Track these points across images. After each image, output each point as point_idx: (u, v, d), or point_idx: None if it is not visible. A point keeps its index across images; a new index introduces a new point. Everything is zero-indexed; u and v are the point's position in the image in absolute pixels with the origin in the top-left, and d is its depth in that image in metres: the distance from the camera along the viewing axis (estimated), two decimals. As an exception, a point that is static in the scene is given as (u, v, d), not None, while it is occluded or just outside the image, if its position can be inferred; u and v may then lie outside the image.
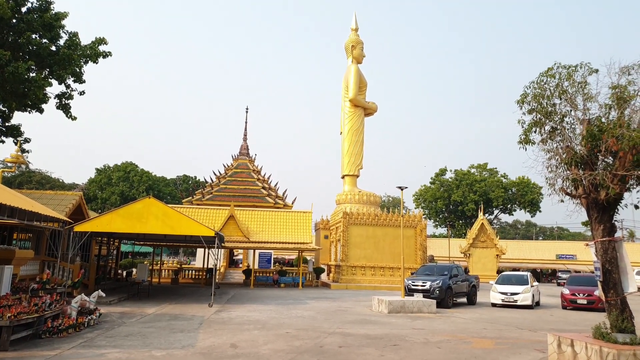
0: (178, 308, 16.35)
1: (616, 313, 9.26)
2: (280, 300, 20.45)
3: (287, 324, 13.02)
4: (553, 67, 10.62)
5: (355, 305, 18.85)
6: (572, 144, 10.21)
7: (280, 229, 31.96)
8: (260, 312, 15.81)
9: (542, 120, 10.60)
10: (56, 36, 17.74)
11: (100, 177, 69.62)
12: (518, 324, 14.43)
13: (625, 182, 9.30)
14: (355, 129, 41.63)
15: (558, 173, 10.47)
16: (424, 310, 16.66)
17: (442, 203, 70.52)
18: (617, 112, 9.66)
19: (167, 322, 12.82)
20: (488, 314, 17.18)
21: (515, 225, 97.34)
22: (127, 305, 16.85)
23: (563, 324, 15.02)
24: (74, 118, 19.04)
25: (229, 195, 39.37)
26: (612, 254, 9.59)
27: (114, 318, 13.42)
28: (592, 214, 9.93)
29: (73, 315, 11.41)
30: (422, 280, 19.56)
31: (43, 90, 17.24)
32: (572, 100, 10.31)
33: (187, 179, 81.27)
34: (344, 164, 41.65)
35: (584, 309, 19.50)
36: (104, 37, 18.45)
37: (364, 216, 33.46)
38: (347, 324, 13.35)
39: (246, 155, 44.41)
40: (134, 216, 16.45)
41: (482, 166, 72.69)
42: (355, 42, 42.70)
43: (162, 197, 66.55)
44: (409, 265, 31.57)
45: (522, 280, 20.70)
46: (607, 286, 9.53)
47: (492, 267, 44.56)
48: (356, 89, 41.37)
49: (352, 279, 31.87)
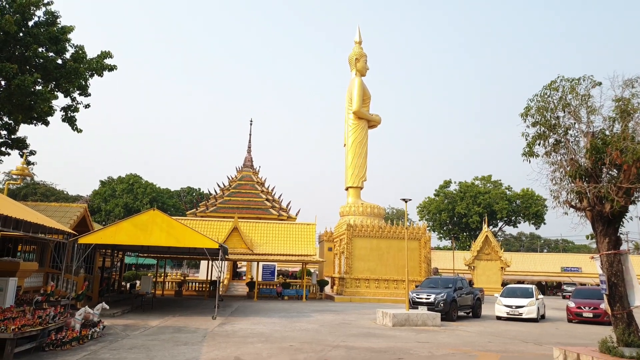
0: (182, 320, 16.30)
1: (623, 327, 9.19)
2: (284, 312, 20.36)
3: (291, 337, 12.95)
4: (556, 80, 10.69)
5: (359, 318, 18.74)
6: (576, 156, 10.23)
7: (284, 241, 31.90)
8: (264, 324, 15.74)
9: (546, 133, 10.64)
10: (62, 49, 17.94)
11: (105, 189, 69.87)
12: (523, 338, 14.30)
13: (630, 195, 9.29)
14: (359, 141, 41.74)
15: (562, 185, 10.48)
16: (428, 323, 16.54)
17: (446, 215, 70.31)
18: (621, 125, 9.69)
19: (171, 335, 12.78)
20: (493, 327, 17.03)
21: (520, 238, 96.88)
22: (131, 317, 16.81)
23: (569, 337, 14.88)
24: (79, 131, 19.18)
25: (233, 207, 39.40)
26: (617, 267, 9.54)
27: (118, 330, 13.39)
28: (597, 227, 9.90)
29: (77, 327, 11.39)
30: (427, 293, 19.44)
31: (49, 103, 17.40)
32: (575, 113, 10.36)
33: (191, 190, 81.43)
34: (348, 176, 41.68)
35: (589, 323, 19.32)
36: (109, 51, 18.65)
37: (367, 228, 33.39)
38: (351, 337, 13.27)
39: (250, 167, 44.52)
40: (138, 228, 16.48)
41: (487, 178, 72.56)
42: (358, 55, 42.99)
43: (166, 209, 66.68)
44: (413, 278, 31.39)
45: (527, 293, 20.55)
46: (613, 299, 9.48)
47: (496, 280, 44.26)
48: (360, 101, 41.56)
49: (356, 292, 31.71)
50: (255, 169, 44.95)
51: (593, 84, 10.29)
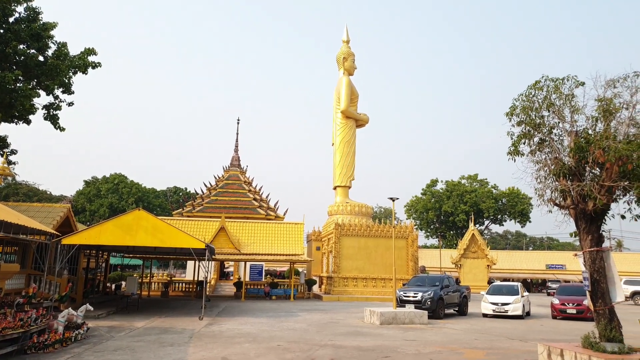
0: (168, 321, 16.15)
1: (604, 322, 9.31)
2: (271, 312, 20.30)
3: (279, 337, 12.91)
4: (541, 80, 10.79)
5: (347, 317, 18.76)
6: (560, 155, 10.34)
7: (272, 241, 31.82)
8: (251, 324, 15.67)
9: (530, 132, 10.73)
10: (44, 46, 17.65)
11: (89, 189, 69.04)
12: (509, 334, 14.44)
13: (612, 193, 9.41)
14: (346, 140, 41.77)
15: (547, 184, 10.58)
16: (415, 322, 16.62)
17: (433, 214, 70.77)
18: (603, 124, 9.81)
19: (157, 336, 12.65)
20: (479, 325, 17.17)
21: (506, 236, 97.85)
22: (116, 319, 16.61)
23: (553, 333, 15.06)
24: (62, 129, 18.90)
25: (220, 207, 39.17)
26: (600, 264, 9.67)
27: (102, 332, 13.22)
28: (581, 225, 10.02)
29: (60, 330, 11.22)
30: (414, 291, 19.54)
31: (30, 101, 17.11)
32: (559, 112, 10.46)
33: (177, 190, 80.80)
34: (336, 175, 41.70)
35: (573, 319, 19.58)
36: (93, 48, 18.39)
37: (355, 227, 33.45)
38: (338, 336, 13.27)
39: (237, 167, 44.31)
40: (123, 228, 16.30)
41: (473, 177, 73.21)
42: (346, 54, 43.01)
43: (152, 209, 66.09)
44: (400, 276, 31.53)
45: (513, 291, 20.77)
46: (596, 296, 9.60)
47: (483, 278, 44.66)
48: (347, 100, 41.58)
49: (344, 291, 31.75)
50: (243, 168, 44.76)
51: (576, 83, 10.41)
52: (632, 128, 9.53)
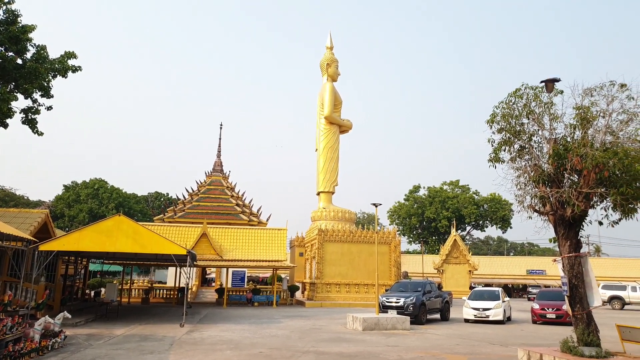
0: (148, 329, 15.91)
1: (582, 327, 9.47)
2: (253, 319, 20.15)
3: (261, 344, 12.82)
4: (521, 87, 10.98)
5: (329, 323, 18.72)
6: (539, 162, 10.52)
7: (255, 247, 31.62)
8: (233, 331, 15.52)
9: (511, 139, 10.91)
10: (23, 49, 17.32)
11: (68, 194, 67.83)
12: (490, 339, 14.57)
13: (589, 200, 9.61)
14: (330, 146, 41.86)
15: (527, 190, 10.75)
16: (398, 327, 16.67)
17: (415, 219, 71.26)
18: (581, 132, 10.02)
19: (137, 344, 12.45)
20: (461, 330, 17.30)
21: (487, 241, 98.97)
22: (95, 326, 16.31)
23: (533, 338, 15.24)
24: (40, 133, 18.54)
25: (202, 213, 38.82)
26: (578, 269, 9.84)
27: (81, 340, 12.95)
28: (559, 231, 10.20)
29: (36, 338, 10.96)
30: (396, 296, 19.61)
31: (8, 104, 16.77)
32: (539, 120, 10.66)
33: (159, 195, 79.85)
34: (319, 180, 41.72)
35: (553, 323, 19.86)
36: (73, 51, 18.11)
37: (339, 233, 33.47)
38: (321, 343, 13.23)
39: (220, 172, 44.01)
40: (103, 234, 16.06)
41: (455, 183, 73.99)
42: (330, 61, 43.20)
43: (132, 214, 65.19)
44: (383, 282, 31.61)
45: (494, 296, 20.98)
46: (574, 300, 9.76)
47: (464, 283, 45.04)
48: (331, 106, 41.72)
49: (327, 297, 31.69)
50: (225, 173, 44.46)
51: (555, 92, 10.63)
52: (608, 136, 9.76)
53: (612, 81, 9.96)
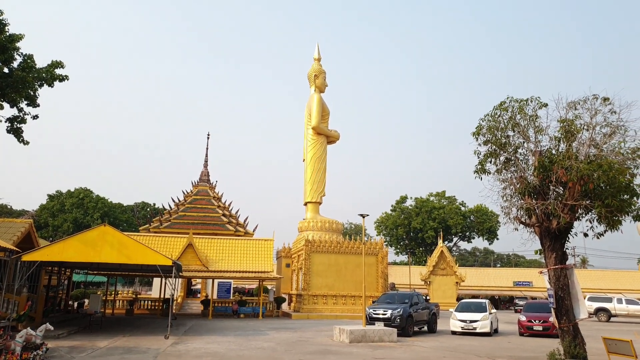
0: (132, 340, 15.64)
1: (569, 339, 9.52)
2: (239, 331, 19.92)
3: (247, 356, 12.66)
4: (506, 100, 11.13)
5: (316, 335, 18.58)
6: (525, 174, 10.64)
7: (241, 258, 31.38)
8: (218, 343, 15.32)
9: (496, 151, 11.03)
10: (10, 58, 17.15)
11: (53, 204, 66.83)
12: (477, 352, 14.57)
13: (575, 212, 9.72)
14: (317, 156, 41.92)
15: (513, 202, 10.85)
16: (385, 339, 16.58)
17: (402, 230, 71.38)
18: (565, 145, 10.16)
19: (120, 356, 12.22)
20: (448, 342, 17.28)
21: (474, 253, 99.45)
22: (78, 338, 15.98)
23: (520, 350, 15.27)
24: (26, 143, 18.30)
25: (188, 223, 38.51)
26: (564, 281, 9.91)
27: (63, 353, 12.67)
28: (545, 242, 10.28)
29: (17, 350, 10.70)
30: (383, 308, 19.53)
31: (-7, 113, 16.55)
32: (524, 132, 10.80)
33: (145, 205, 79.05)
34: (307, 191, 41.68)
35: (540, 336, 19.91)
36: (60, 61, 17.97)
37: (326, 244, 33.36)
38: (307, 355, 13.11)
39: (207, 182, 43.76)
40: (87, 244, 15.81)
41: (441, 194, 74.40)
42: (317, 72, 43.43)
43: (118, 224, 64.40)
44: (370, 293, 31.52)
45: (481, 308, 20.99)
46: (560, 312, 9.81)
47: (452, 295, 45.12)
48: (319, 117, 41.86)
49: (313, 308, 31.49)
50: (212, 183, 44.24)
51: (540, 105, 10.79)
52: (592, 149, 9.90)
53: (595, 95, 10.14)
